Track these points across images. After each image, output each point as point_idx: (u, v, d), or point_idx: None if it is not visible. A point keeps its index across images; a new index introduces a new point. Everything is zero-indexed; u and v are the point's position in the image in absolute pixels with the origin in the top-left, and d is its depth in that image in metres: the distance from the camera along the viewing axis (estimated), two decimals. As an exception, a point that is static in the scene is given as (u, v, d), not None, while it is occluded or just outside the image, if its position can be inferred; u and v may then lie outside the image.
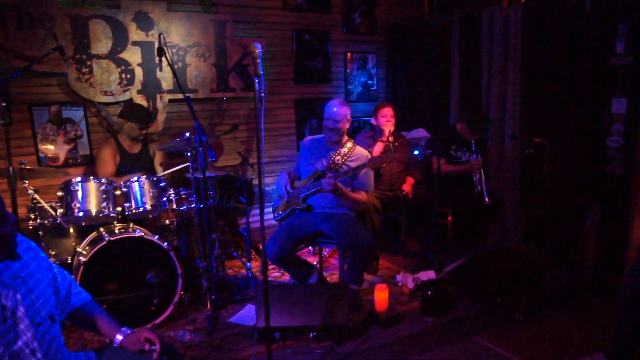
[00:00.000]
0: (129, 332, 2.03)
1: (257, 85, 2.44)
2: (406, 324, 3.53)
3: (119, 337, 2.01)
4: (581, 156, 4.29)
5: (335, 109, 3.79)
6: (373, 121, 4.76)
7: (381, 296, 3.56)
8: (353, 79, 5.96)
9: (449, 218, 4.63)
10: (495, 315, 3.74)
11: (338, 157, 3.85)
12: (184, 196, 3.87)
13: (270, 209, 4.20)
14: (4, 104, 2.95)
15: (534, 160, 4.40)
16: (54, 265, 2.05)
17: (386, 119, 4.59)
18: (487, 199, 4.39)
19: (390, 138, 4.37)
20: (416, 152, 4.82)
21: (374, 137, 4.71)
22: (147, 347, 1.95)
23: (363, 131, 5.37)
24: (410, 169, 4.83)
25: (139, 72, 4.65)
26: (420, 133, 5.45)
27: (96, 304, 2.14)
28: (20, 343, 1.65)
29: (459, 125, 4.81)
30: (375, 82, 6.12)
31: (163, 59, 3.61)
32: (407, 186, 4.65)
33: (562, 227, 4.42)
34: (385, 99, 6.18)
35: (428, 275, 4.14)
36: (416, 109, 5.88)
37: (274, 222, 4.20)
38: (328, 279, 4.31)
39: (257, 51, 2.45)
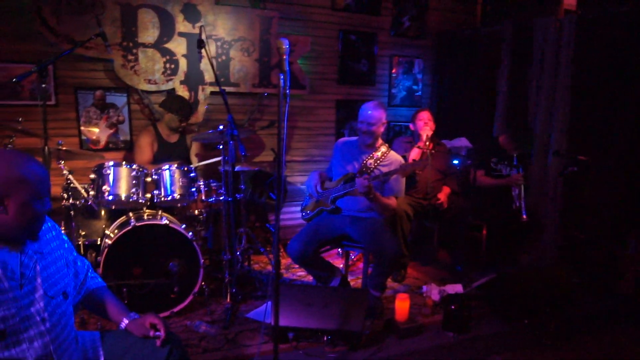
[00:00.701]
0: (136, 317, 2.05)
1: (281, 81, 2.41)
2: (425, 336, 3.44)
3: (125, 321, 2.03)
4: (628, 178, 4.07)
5: (369, 112, 3.72)
6: (411, 126, 4.67)
7: (402, 306, 3.47)
8: (398, 82, 5.87)
9: (484, 232, 4.48)
10: (521, 337, 3.58)
11: (370, 161, 3.78)
12: (213, 188, 3.90)
13: (299, 207, 4.18)
14: (43, 86, 3.03)
15: (577, 179, 4.21)
16: (74, 249, 2.11)
17: (423, 122, 4.48)
18: (524, 217, 4.23)
19: (428, 144, 4.25)
20: (455, 162, 4.69)
21: (412, 142, 4.61)
22: (151, 333, 1.95)
23: (402, 136, 5.26)
24: (447, 178, 4.71)
25: (183, 63, 4.72)
26: (462, 142, 5.31)
27: (109, 290, 2.17)
28: (32, 309, 1.72)
29: (502, 137, 4.65)
30: (420, 87, 6.01)
31: (203, 51, 3.64)
32: (443, 195, 4.52)
33: (601, 252, 4.21)
34: (429, 105, 6.06)
35: (455, 288, 4.02)
36: (460, 117, 5.73)
37: (302, 221, 4.17)
38: (353, 282, 4.26)
39: (284, 47, 2.42)
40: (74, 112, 4.45)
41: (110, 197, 3.45)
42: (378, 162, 3.77)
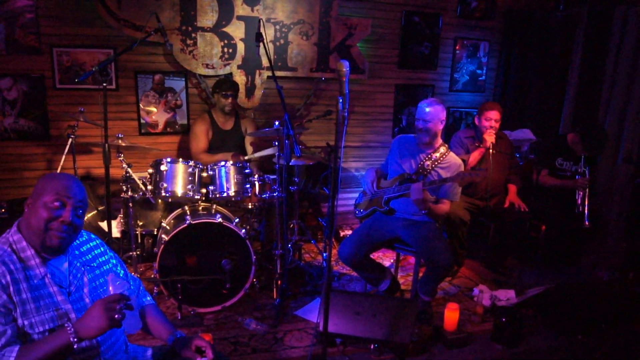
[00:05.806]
0: (182, 335, 2.09)
1: (340, 104, 2.34)
2: (474, 347, 3.38)
3: (172, 339, 2.08)
4: None
5: (426, 109, 3.57)
6: (476, 121, 4.39)
7: (451, 316, 3.42)
8: (461, 66, 5.63)
9: (542, 229, 4.30)
10: (573, 353, 3.48)
11: (428, 162, 3.66)
12: (268, 183, 3.89)
13: (351, 194, 4.14)
14: (104, 84, 3.05)
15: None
16: (124, 265, 2.18)
17: (490, 124, 4.21)
18: (587, 223, 4.04)
19: (490, 149, 4.10)
20: (517, 155, 4.50)
21: (474, 138, 4.40)
22: (198, 359, 1.98)
23: (463, 130, 4.78)
24: (511, 173, 4.49)
25: (240, 47, 4.67)
26: (525, 134, 5.08)
27: (157, 308, 2.22)
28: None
29: (571, 135, 4.38)
30: (484, 72, 5.74)
31: (261, 44, 3.57)
32: (513, 196, 4.34)
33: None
34: (493, 91, 5.80)
35: (507, 294, 3.92)
36: (525, 106, 5.46)
37: (352, 209, 4.14)
38: (403, 280, 4.23)
39: (344, 69, 2.34)
40: (133, 95, 4.51)
41: (167, 194, 3.51)
42: (436, 163, 3.64)
